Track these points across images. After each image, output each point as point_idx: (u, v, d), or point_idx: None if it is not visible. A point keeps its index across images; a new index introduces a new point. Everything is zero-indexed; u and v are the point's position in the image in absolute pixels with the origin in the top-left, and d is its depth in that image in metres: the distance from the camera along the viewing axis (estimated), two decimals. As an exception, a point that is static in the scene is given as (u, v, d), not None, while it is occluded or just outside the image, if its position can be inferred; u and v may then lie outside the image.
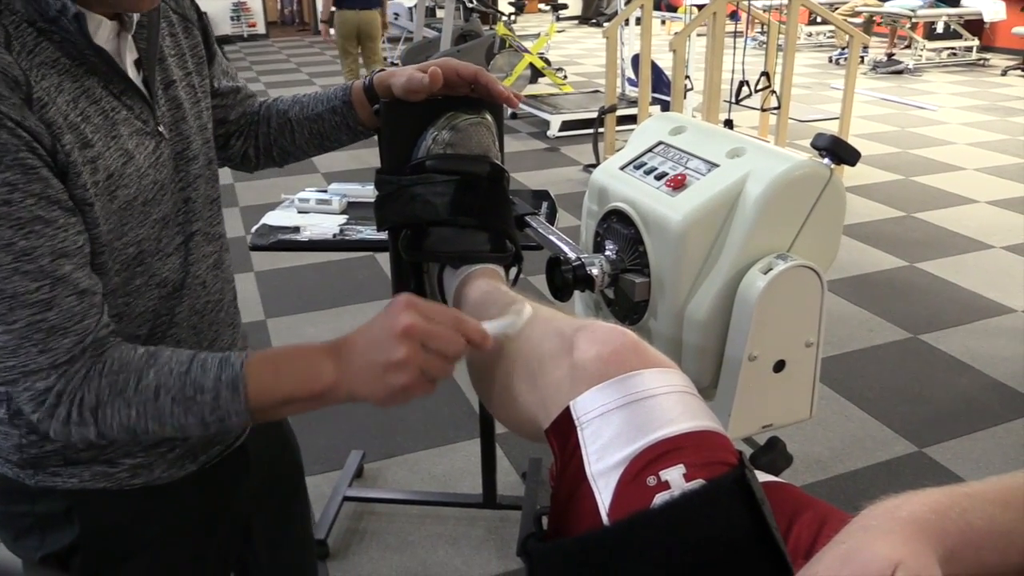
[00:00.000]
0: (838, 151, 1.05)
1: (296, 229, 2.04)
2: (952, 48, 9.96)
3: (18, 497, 0.95)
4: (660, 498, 0.65)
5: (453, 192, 1.04)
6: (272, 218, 2.13)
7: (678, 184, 1.10)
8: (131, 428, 0.80)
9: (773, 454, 1.13)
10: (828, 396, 2.84)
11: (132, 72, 0.90)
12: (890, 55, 9.64)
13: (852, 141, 5.17)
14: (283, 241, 2.00)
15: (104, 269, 0.86)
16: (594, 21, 14.60)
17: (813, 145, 1.08)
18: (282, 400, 0.81)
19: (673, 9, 9.12)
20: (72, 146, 0.79)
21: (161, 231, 0.94)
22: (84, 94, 0.82)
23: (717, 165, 1.09)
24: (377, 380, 0.78)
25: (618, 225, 1.16)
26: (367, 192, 2.25)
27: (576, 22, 15.24)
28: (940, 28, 9.91)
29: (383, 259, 3.90)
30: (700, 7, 5.00)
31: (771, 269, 1.02)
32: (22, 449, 0.92)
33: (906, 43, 10.30)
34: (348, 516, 2.30)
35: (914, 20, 9.54)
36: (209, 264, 1.03)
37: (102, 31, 0.85)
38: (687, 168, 1.12)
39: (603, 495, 0.67)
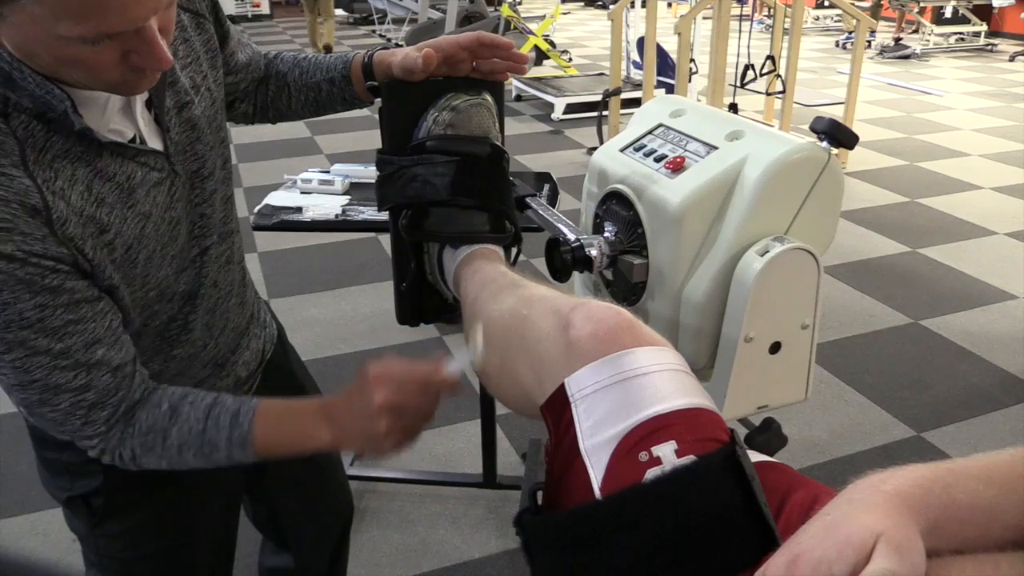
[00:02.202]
0: (836, 134, 1.06)
1: (299, 209, 2.05)
2: (960, 33, 9.89)
3: (49, 445, 1.04)
4: (652, 473, 0.66)
5: (453, 173, 1.04)
6: (275, 198, 2.14)
7: (677, 166, 1.10)
8: (167, 471, 0.93)
9: (768, 434, 1.15)
10: (827, 380, 2.85)
11: (143, 119, 0.90)
12: (897, 40, 9.58)
13: (857, 126, 5.12)
14: (286, 221, 2.00)
15: (130, 321, 0.92)
16: (600, 3, 14.52)
17: (812, 128, 1.09)
18: (286, 453, 0.93)
19: (679, -8, 9.06)
20: (93, 248, 0.83)
21: (176, 259, 0.96)
22: (97, 176, 0.84)
23: (716, 148, 1.10)
24: (367, 443, 0.90)
25: (617, 207, 1.17)
26: (370, 173, 2.25)
27: (581, 4, 15.15)
28: (948, 13, 9.84)
29: (385, 240, 3.91)
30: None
31: (768, 251, 1.03)
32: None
33: (914, 28, 10.23)
34: (349, 495, 2.33)
35: (922, 4, 9.47)
36: (221, 262, 1.06)
37: (112, 104, 0.85)
38: (686, 150, 1.13)
39: (596, 470, 0.68)
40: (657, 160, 1.14)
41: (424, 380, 0.87)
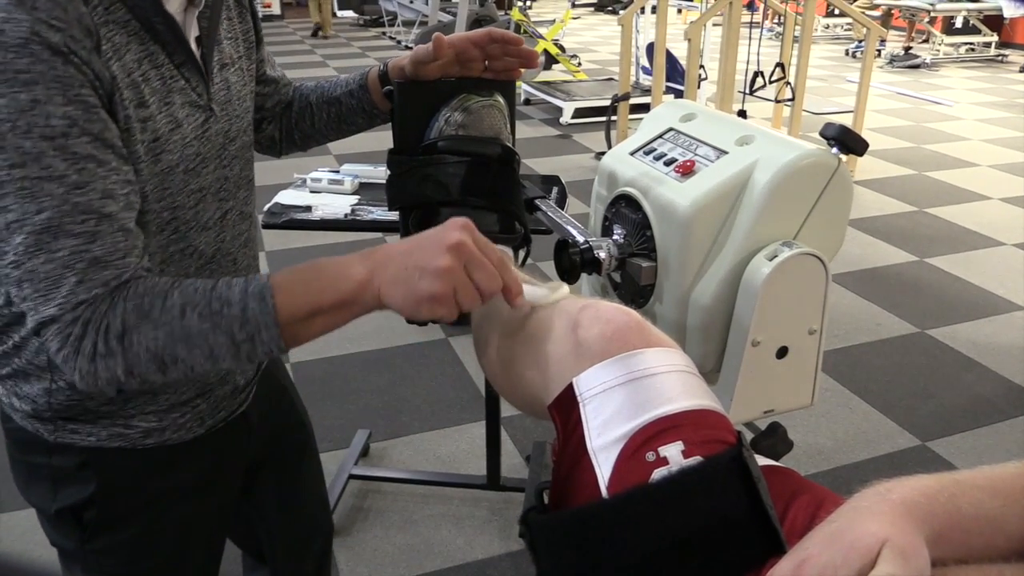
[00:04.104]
0: (846, 140, 1.06)
1: (308, 208, 2.06)
2: (970, 43, 9.87)
3: (36, 449, 0.98)
4: (658, 473, 0.66)
5: (464, 173, 1.05)
6: (285, 197, 2.15)
7: (687, 170, 1.11)
8: (160, 355, 0.77)
9: (774, 439, 1.15)
10: (833, 388, 2.85)
11: (193, 47, 0.93)
12: (907, 49, 9.57)
13: (866, 135, 5.12)
14: (295, 220, 2.02)
15: (146, 229, 0.88)
16: (610, 8, 14.53)
17: (822, 134, 1.09)
18: (312, 308, 0.78)
19: (690, -2, 9.06)
20: (130, 102, 0.82)
21: (199, 202, 0.96)
22: (148, 58, 0.86)
23: (726, 152, 1.10)
24: (409, 283, 0.76)
25: (626, 210, 1.18)
26: (379, 173, 2.26)
27: (591, 9, 15.16)
28: (959, 23, 9.82)
29: (392, 240, 3.91)
30: (716, -4, 4.96)
31: (776, 256, 1.03)
32: (51, 394, 0.93)
33: (924, 37, 10.21)
34: (353, 494, 2.33)
35: (933, 14, 9.46)
36: (241, 242, 1.06)
37: (172, 2, 0.88)
38: (696, 155, 1.13)
39: (603, 469, 0.69)
40: (667, 164, 1.15)
41: (504, 262, 0.78)
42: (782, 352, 1.09)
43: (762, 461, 0.81)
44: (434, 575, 2.05)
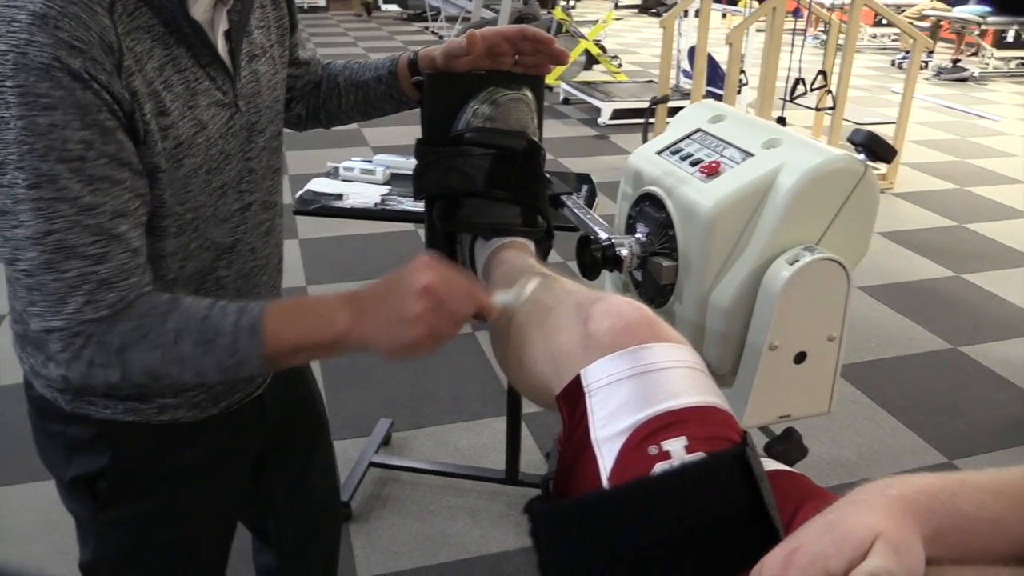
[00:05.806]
0: (874, 147, 1.05)
1: (339, 196, 2.08)
2: (1021, 58, 9.67)
3: (53, 417, 1.01)
4: (660, 467, 0.66)
5: (489, 165, 1.06)
6: (317, 185, 2.18)
7: (712, 171, 1.11)
8: (153, 372, 0.83)
9: (788, 444, 1.14)
10: (860, 401, 2.82)
11: (221, 43, 0.93)
12: (956, 61, 9.39)
13: (908, 147, 5.03)
14: (326, 207, 2.04)
15: (165, 232, 0.91)
16: (653, 11, 14.45)
17: (849, 140, 1.09)
18: (296, 346, 0.84)
19: (734, 2, 8.98)
20: (151, 114, 0.83)
21: (220, 199, 0.97)
22: (171, 62, 0.86)
23: (752, 155, 1.10)
24: (388, 331, 0.81)
25: (650, 208, 1.18)
26: (411, 164, 2.28)
27: (635, 11, 15.09)
28: (1010, 37, 9.62)
29: (420, 232, 3.94)
30: (761, 0, 4.92)
31: (797, 260, 1.03)
32: (67, 379, 0.95)
33: (973, 50, 10.02)
34: (372, 482, 2.35)
35: (983, 27, 9.27)
36: (261, 231, 1.07)
37: (198, 6, 0.88)
38: (722, 156, 1.13)
39: (605, 461, 0.69)
40: (693, 164, 1.15)
41: (469, 288, 0.83)
42: (800, 357, 1.09)
43: (775, 466, 0.81)
44: (448, 566, 2.06)
